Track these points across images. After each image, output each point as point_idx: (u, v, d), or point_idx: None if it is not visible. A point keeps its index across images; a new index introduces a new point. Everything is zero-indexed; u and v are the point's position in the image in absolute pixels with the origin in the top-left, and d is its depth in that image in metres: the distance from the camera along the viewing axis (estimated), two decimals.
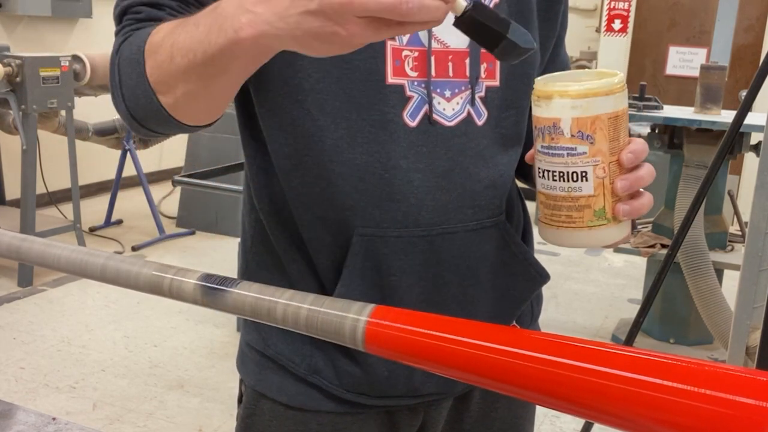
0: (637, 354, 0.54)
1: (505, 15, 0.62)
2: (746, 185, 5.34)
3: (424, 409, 0.96)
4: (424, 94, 0.82)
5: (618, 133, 0.70)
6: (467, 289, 0.89)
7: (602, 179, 0.71)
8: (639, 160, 0.72)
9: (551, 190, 0.72)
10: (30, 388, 2.84)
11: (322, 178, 0.83)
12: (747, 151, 3.18)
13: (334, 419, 0.92)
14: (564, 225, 0.73)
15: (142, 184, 4.76)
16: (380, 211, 0.83)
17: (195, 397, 2.84)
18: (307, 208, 0.85)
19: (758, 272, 1.79)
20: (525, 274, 0.94)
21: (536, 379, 0.56)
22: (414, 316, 0.64)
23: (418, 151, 0.82)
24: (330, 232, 0.85)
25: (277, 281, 0.87)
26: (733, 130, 1.70)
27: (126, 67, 0.74)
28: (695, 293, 3.08)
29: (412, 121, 0.82)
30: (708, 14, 5.57)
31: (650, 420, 0.51)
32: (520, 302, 0.95)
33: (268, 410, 0.94)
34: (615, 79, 0.70)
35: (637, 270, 4.25)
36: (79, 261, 0.76)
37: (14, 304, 3.63)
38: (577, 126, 0.69)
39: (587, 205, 0.71)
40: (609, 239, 0.73)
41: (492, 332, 0.60)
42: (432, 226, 0.84)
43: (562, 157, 0.71)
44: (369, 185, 0.82)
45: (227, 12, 0.62)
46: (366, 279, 0.85)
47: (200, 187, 3.29)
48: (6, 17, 4.85)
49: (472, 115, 0.85)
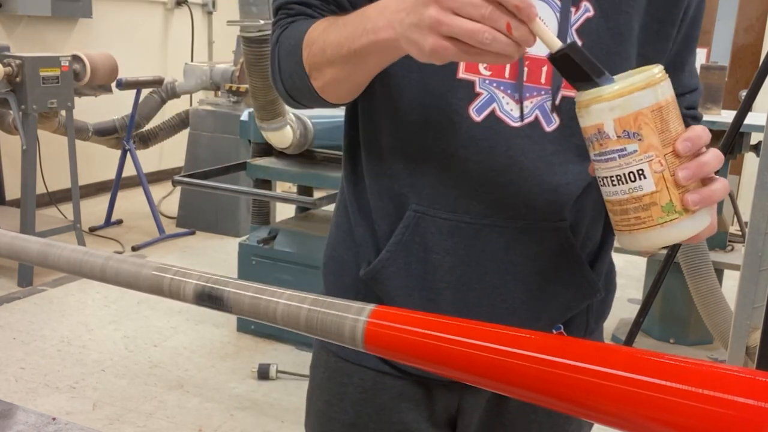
0: (637, 354, 0.54)
1: (599, 61, 0.67)
2: (746, 185, 5.34)
3: (460, 393, 0.99)
4: (495, 93, 0.86)
5: (667, 124, 0.69)
6: (508, 283, 0.91)
7: (661, 173, 0.69)
8: (698, 146, 0.70)
9: (614, 195, 0.71)
10: (30, 388, 2.84)
11: (393, 155, 0.91)
12: (747, 151, 3.18)
13: (375, 377, 0.98)
14: (636, 228, 0.71)
15: (142, 184, 4.76)
16: (434, 193, 0.89)
17: (195, 397, 2.84)
18: (378, 179, 0.94)
19: (758, 272, 1.79)
20: (574, 283, 0.94)
21: (536, 379, 0.56)
22: (413, 316, 0.64)
23: (479, 144, 0.87)
24: (393, 204, 0.93)
25: (347, 242, 0.99)
26: (733, 130, 1.70)
27: (285, 56, 0.89)
28: (695, 293, 3.08)
29: (477, 116, 0.87)
30: (708, 14, 5.57)
31: (650, 420, 0.51)
32: (565, 311, 0.96)
33: (324, 360, 1.03)
34: (649, 72, 0.69)
35: (637, 270, 4.25)
36: (79, 261, 0.76)
37: (14, 304, 3.63)
38: (620, 126, 0.68)
39: (653, 203, 0.69)
40: (687, 232, 0.71)
41: (491, 333, 0.60)
42: (481, 216, 0.89)
43: (614, 160, 0.70)
44: (429, 168, 0.89)
45: (371, 16, 0.76)
46: (411, 251, 0.92)
47: (200, 187, 3.29)
48: (6, 17, 4.85)
49: (540, 120, 0.87)
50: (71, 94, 3.96)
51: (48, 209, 4.56)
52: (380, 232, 0.94)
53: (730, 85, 4.68)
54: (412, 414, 0.98)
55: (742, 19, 5.18)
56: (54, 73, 3.82)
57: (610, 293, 1.04)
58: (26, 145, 3.79)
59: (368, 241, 0.96)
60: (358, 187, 0.97)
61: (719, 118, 3.08)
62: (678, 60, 0.96)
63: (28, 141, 3.79)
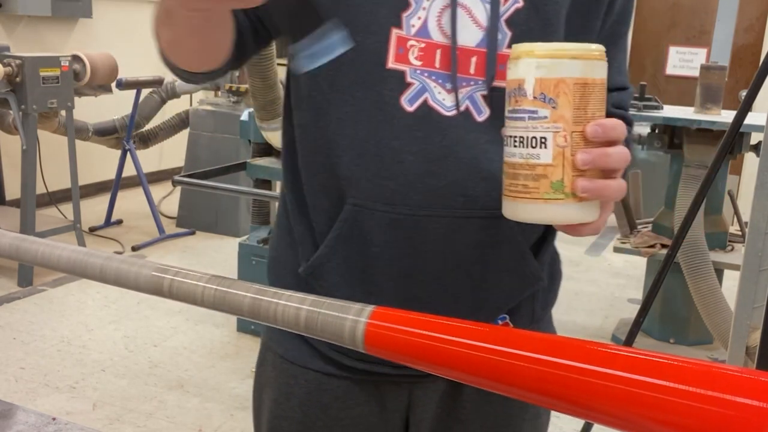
0: (637, 354, 0.54)
1: None
2: (746, 185, 5.34)
3: (409, 388, 0.99)
4: (426, 82, 0.86)
5: (586, 103, 0.67)
6: (450, 273, 0.91)
7: (563, 149, 0.67)
8: (608, 136, 0.69)
9: (512, 157, 0.69)
10: (30, 388, 2.84)
11: (327, 149, 0.90)
12: (747, 151, 3.18)
13: (319, 378, 0.98)
14: (521, 196, 0.69)
15: (142, 184, 4.76)
16: (372, 185, 0.88)
17: (195, 397, 2.84)
18: (313, 174, 0.93)
19: (758, 272, 1.79)
20: (517, 271, 0.94)
21: (536, 380, 0.56)
22: (413, 317, 0.64)
23: (413, 135, 0.86)
24: (329, 199, 0.92)
25: (287, 240, 0.99)
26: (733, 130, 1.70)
27: None
28: (695, 293, 3.08)
29: (410, 106, 0.86)
30: (708, 14, 5.57)
31: (650, 420, 0.51)
32: (508, 299, 0.96)
33: (271, 360, 1.04)
34: (587, 46, 0.68)
35: (637, 270, 4.25)
36: (79, 261, 0.75)
37: (14, 304, 3.63)
38: (539, 87, 0.67)
39: (544, 175, 0.68)
40: (568, 217, 0.69)
41: (492, 333, 0.60)
42: (419, 207, 0.87)
43: (523, 120, 0.68)
44: (364, 160, 0.88)
45: None
46: (350, 245, 0.91)
47: (200, 187, 3.29)
48: (6, 17, 4.85)
49: (471, 110, 0.87)
50: (71, 94, 3.96)
51: (48, 209, 4.56)
52: (318, 228, 0.94)
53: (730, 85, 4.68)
54: (360, 410, 0.99)
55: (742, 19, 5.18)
56: (54, 73, 3.82)
57: (555, 281, 1.04)
58: (26, 145, 3.79)
59: (307, 238, 0.95)
60: (296, 184, 0.96)
61: (719, 118, 3.07)
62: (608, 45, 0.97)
63: (28, 141, 3.79)
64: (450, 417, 1.00)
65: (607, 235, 5.24)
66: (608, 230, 5.37)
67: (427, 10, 0.85)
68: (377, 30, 0.85)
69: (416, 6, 0.85)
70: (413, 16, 0.85)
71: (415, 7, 0.85)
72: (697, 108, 3.22)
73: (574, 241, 5.13)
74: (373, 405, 0.99)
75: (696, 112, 3.22)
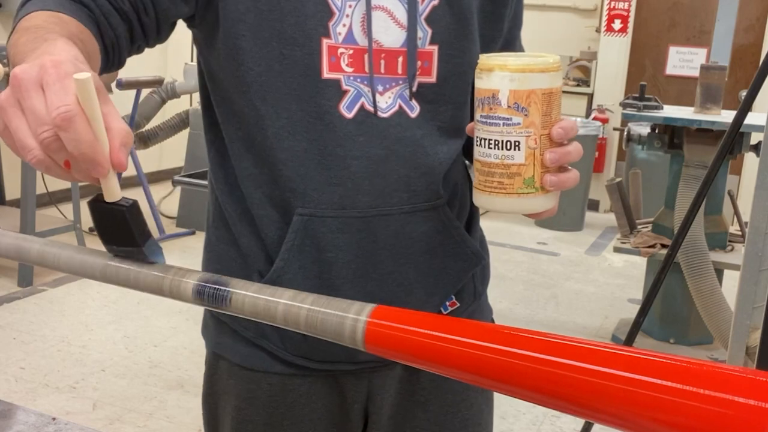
0: (637, 354, 0.54)
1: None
2: (746, 185, 5.34)
3: (368, 377, 1.02)
4: (360, 88, 0.89)
5: (551, 108, 0.77)
6: (402, 267, 0.95)
7: (533, 150, 0.77)
8: (568, 136, 0.78)
9: (487, 157, 0.78)
10: (30, 388, 2.84)
11: (268, 162, 0.91)
12: (747, 151, 3.18)
13: (283, 380, 1.00)
14: (496, 191, 0.79)
15: (142, 184, 4.76)
16: (319, 194, 0.90)
17: (195, 397, 2.84)
18: (257, 187, 0.93)
19: (758, 272, 1.79)
20: (460, 254, 0.99)
21: (536, 380, 0.56)
22: (414, 316, 0.64)
23: (355, 140, 0.89)
24: (276, 210, 0.93)
25: (232, 253, 0.99)
26: (733, 130, 1.70)
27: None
28: (695, 293, 3.08)
29: (348, 113, 0.89)
30: (708, 14, 5.57)
31: (650, 420, 0.51)
32: (456, 282, 1.01)
33: (225, 369, 1.05)
34: (551, 58, 0.77)
35: (637, 270, 4.25)
36: (79, 261, 0.75)
37: (14, 304, 3.63)
38: (513, 98, 0.75)
39: (518, 173, 0.77)
40: (536, 207, 0.80)
41: (492, 333, 0.60)
42: (368, 208, 0.91)
43: (498, 126, 0.76)
44: (308, 170, 0.90)
45: (24, 52, 0.67)
46: (304, 254, 0.92)
47: (200, 187, 3.29)
48: (6, 17, 4.85)
49: (404, 107, 0.91)
50: None
51: (48, 209, 4.56)
52: (268, 240, 0.94)
53: (730, 85, 4.68)
54: (323, 403, 1.01)
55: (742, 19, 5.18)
56: None
57: (487, 256, 1.09)
58: None
59: (256, 250, 0.96)
60: (234, 196, 0.96)
61: (719, 118, 3.07)
62: (509, 36, 1.03)
63: None
64: (410, 401, 1.04)
65: (607, 235, 5.25)
66: (608, 230, 5.38)
67: (350, 17, 0.88)
68: (305, 42, 0.86)
69: (340, 14, 0.87)
70: (338, 24, 0.87)
71: (339, 15, 0.87)
72: (697, 108, 3.22)
73: (575, 241, 5.13)
74: (335, 398, 1.02)
75: (696, 112, 3.22)
